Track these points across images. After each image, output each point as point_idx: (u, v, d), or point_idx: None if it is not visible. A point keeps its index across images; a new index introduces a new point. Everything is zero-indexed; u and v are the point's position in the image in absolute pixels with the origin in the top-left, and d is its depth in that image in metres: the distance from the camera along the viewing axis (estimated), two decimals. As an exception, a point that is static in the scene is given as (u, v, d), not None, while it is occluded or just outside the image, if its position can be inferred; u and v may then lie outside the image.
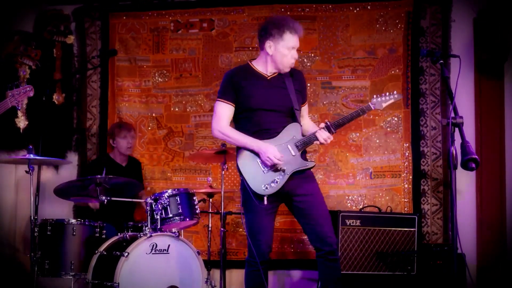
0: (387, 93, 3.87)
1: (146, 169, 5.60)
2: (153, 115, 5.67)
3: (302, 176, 3.80)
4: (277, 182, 3.73)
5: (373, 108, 3.84)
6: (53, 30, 5.69)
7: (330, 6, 5.47)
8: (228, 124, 3.85)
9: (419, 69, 5.30)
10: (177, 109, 5.64)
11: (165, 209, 4.34)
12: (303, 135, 3.83)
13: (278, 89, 3.85)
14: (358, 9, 5.43)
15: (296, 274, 5.41)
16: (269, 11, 5.55)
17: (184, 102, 5.63)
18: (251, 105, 3.80)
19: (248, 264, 3.88)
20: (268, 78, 3.87)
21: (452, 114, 3.20)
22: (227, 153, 4.72)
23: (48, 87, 5.52)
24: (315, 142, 3.80)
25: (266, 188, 3.73)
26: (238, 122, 3.90)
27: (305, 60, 5.46)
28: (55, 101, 5.67)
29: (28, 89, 4.28)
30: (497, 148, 5.16)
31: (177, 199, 4.38)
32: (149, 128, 5.66)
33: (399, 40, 5.35)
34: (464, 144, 3.13)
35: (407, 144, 5.28)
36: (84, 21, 5.76)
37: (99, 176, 4.50)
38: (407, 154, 5.29)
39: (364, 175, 5.33)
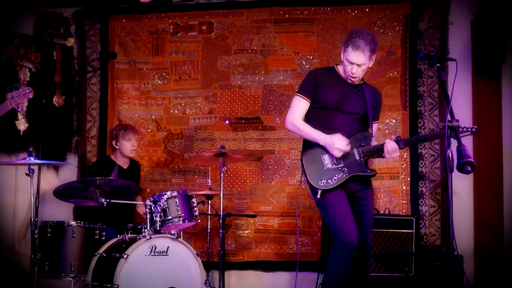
0: (465, 126, 3.78)
1: (145, 171, 5.62)
2: (153, 117, 5.70)
3: (364, 182, 3.97)
4: (335, 180, 3.87)
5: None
6: (53, 32, 5.72)
7: (328, 9, 5.50)
8: (300, 118, 4.03)
9: (417, 72, 5.33)
10: (176, 111, 5.67)
11: (164, 211, 4.36)
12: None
13: (356, 95, 4.02)
14: (356, 11, 5.46)
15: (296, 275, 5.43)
16: (268, 14, 5.58)
17: (183, 104, 5.66)
18: (327, 103, 3.97)
19: (338, 255, 3.85)
20: (349, 83, 4.02)
21: (449, 117, 3.23)
22: (226, 155, 4.75)
23: (48, 90, 5.55)
24: (378, 157, 4.00)
25: (323, 183, 3.85)
26: (311, 117, 4.04)
27: (303, 62, 5.48)
28: (55, 103, 5.70)
29: (27, 91, 4.32)
30: (494, 149, 5.17)
31: (176, 201, 4.40)
32: (149, 130, 5.69)
33: (397, 42, 5.37)
34: (460, 147, 3.16)
35: (405, 146, 5.30)
36: (84, 24, 5.80)
37: (98, 178, 4.52)
38: (405, 156, 5.30)
39: (363, 177, 5.35)
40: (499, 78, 5.21)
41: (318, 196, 3.85)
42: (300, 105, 4.04)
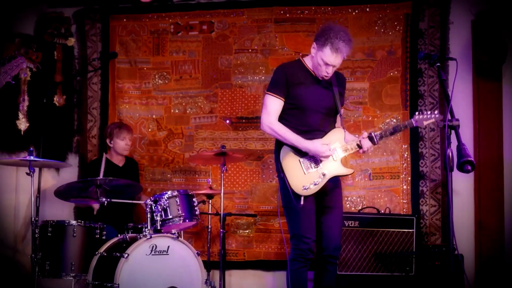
0: (429, 112, 3.85)
1: (146, 170, 5.63)
2: (153, 116, 5.70)
3: (335, 181, 3.93)
4: (316, 184, 3.81)
5: (414, 125, 3.87)
6: (53, 32, 5.73)
7: (329, 9, 5.50)
8: (276, 119, 3.91)
9: (418, 71, 5.32)
10: (177, 111, 5.67)
11: (164, 210, 4.37)
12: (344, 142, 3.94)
13: (326, 91, 3.95)
14: (357, 11, 5.46)
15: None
16: (268, 14, 5.58)
17: (184, 104, 5.66)
18: (302, 105, 3.89)
19: (294, 263, 3.89)
20: (316, 76, 3.95)
21: (449, 117, 3.24)
22: (226, 155, 4.76)
23: (49, 89, 5.56)
24: (356, 150, 3.93)
25: (306, 189, 3.80)
26: (285, 118, 3.95)
27: (304, 62, 5.48)
28: (56, 103, 5.70)
29: (20, 61, 4.03)
30: (495, 149, 5.17)
31: (176, 201, 4.41)
32: (149, 130, 5.69)
33: (398, 42, 5.37)
34: (460, 147, 3.17)
35: (406, 146, 5.30)
36: (85, 24, 5.80)
37: (99, 178, 4.53)
38: (405, 155, 5.31)
39: (363, 176, 5.36)
40: (499, 78, 5.21)
41: (302, 202, 3.77)
42: (275, 105, 3.91)
